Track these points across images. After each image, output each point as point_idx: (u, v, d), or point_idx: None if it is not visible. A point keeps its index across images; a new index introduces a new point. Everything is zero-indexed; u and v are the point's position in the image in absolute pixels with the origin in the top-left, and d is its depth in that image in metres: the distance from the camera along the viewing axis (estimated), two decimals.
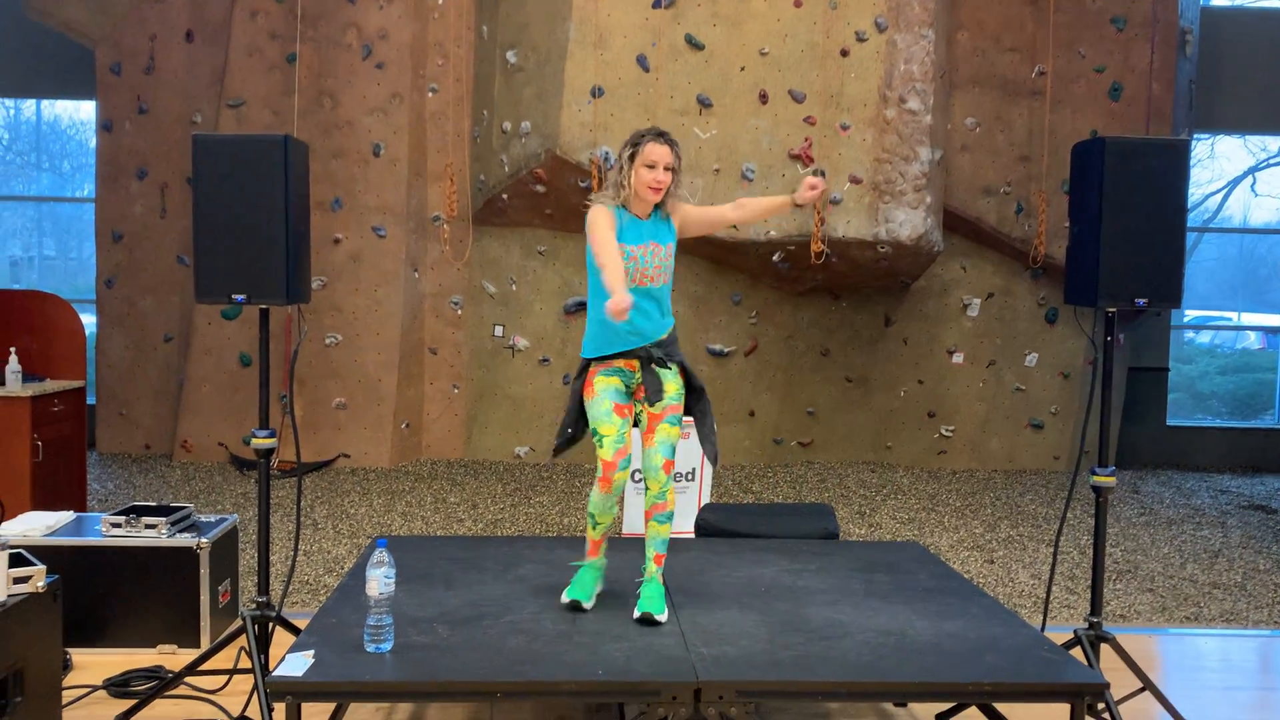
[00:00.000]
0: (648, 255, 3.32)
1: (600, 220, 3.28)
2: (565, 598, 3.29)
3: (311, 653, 2.79)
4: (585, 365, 3.41)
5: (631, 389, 3.37)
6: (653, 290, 3.34)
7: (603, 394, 3.31)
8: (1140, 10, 8.63)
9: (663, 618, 3.17)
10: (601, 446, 3.26)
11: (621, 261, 3.20)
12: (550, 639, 2.97)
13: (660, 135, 3.32)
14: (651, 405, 3.33)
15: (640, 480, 5.53)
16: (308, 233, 3.72)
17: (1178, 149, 3.60)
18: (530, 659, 2.81)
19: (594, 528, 3.37)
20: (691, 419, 3.51)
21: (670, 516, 3.33)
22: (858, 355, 8.98)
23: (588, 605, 3.27)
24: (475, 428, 8.87)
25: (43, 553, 4.00)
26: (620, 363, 3.35)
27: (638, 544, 4.13)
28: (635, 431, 3.39)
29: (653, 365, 3.33)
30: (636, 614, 3.17)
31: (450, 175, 8.48)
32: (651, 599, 3.20)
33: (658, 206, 3.39)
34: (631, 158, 3.30)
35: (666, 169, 3.30)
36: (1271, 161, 11.73)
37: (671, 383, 3.36)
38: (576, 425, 3.42)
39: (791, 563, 3.88)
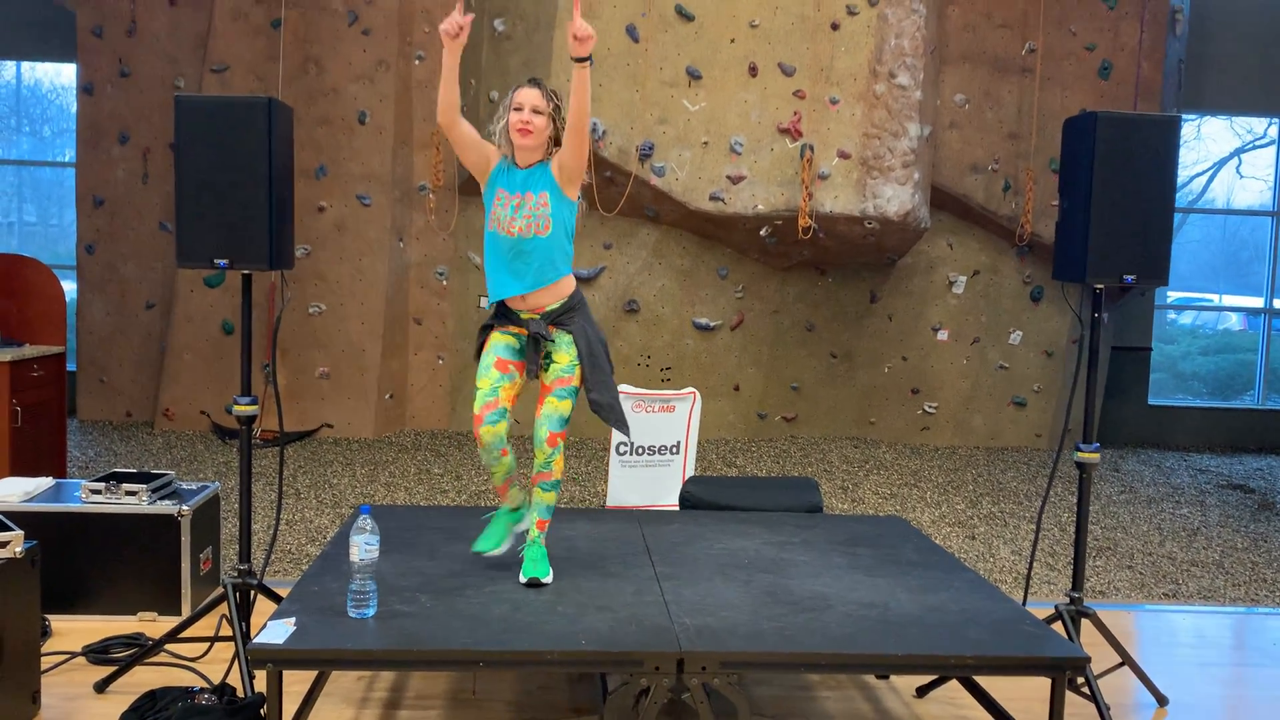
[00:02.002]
0: (517, 205, 3.23)
1: (485, 144, 3.31)
2: (472, 549, 3.37)
3: (293, 620, 2.78)
4: (487, 326, 3.40)
5: (523, 351, 3.35)
6: (523, 243, 3.24)
7: (491, 348, 3.34)
8: None
9: (548, 579, 3.22)
10: (476, 396, 3.29)
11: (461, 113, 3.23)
12: (534, 609, 2.97)
13: (531, 80, 3.28)
14: (533, 378, 3.33)
15: (624, 453, 5.53)
16: (291, 198, 3.68)
17: (1169, 125, 3.60)
18: (513, 628, 2.80)
19: (494, 475, 3.41)
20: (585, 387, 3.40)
21: (555, 485, 3.32)
22: (843, 331, 8.99)
23: (493, 552, 3.36)
24: (459, 399, 8.84)
25: (21, 518, 3.97)
26: (513, 327, 3.34)
27: (622, 515, 4.13)
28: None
29: (537, 339, 3.29)
30: (523, 579, 3.19)
31: (436, 144, 8.40)
32: (536, 562, 3.24)
33: (545, 160, 3.28)
34: (506, 108, 3.28)
35: (534, 110, 3.21)
36: (1258, 143, 11.75)
37: (563, 353, 3.30)
38: None
39: (775, 536, 3.89)
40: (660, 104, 7.86)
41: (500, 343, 3.34)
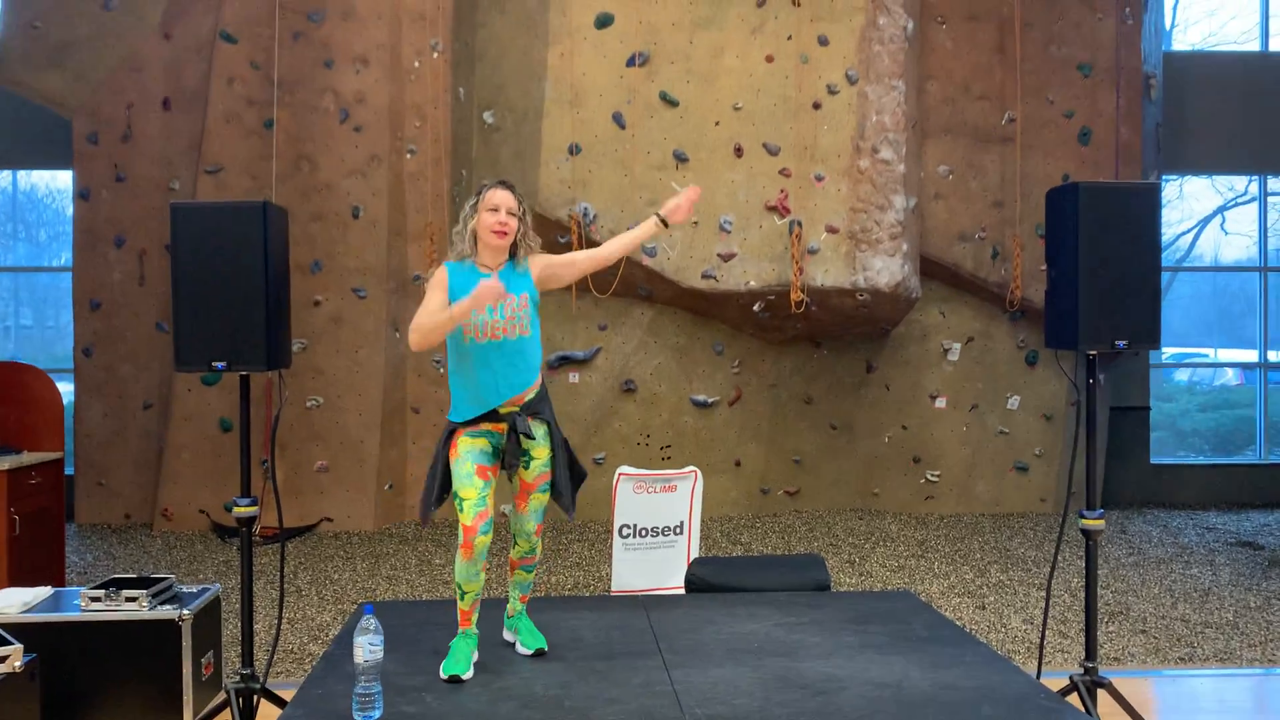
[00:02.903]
0: (495, 308, 3.23)
1: (432, 281, 3.29)
2: (443, 673, 3.15)
3: None
4: (450, 430, 3.34)
5: (499, 450, 3.34)
6: (506, 344, 3.26)
7: (466, 455, 3.25)
8: (1105, 57, 8.81)
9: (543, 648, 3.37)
10: (462, 511, 3.17)
11: (436, 306, 3.19)
12: (541, 705, 2.92)
13: (501, 182, 3.35)
14: (512, 472, 3.33)
15: (627, 535, 5.49)
16: (288, 298, 3.71)
17: (1149, 191, 3.66)
18: None
19: (462, 597, 3.25)
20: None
21: (536, 565, 3.51)
22: (841, 402, 8.99)
23: (465, 677, 3.16)
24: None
25: (20, 630, 3.91)
26: (487, 425, 3.30)
27: (628, 601, 4.08)
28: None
29: (518, 434, 3.28)
30: (529, 651, 3.35)
31: (430, 235, 8.50)
32: (533, 633, 3.42)
33: (512, 258, 3.35)
34: (474, 207, 3.31)
35: (509, 213, 3.28)
36: (1239, 200, 11.92)
37: (541, 448, 3.36)
38: (443, 487, 3.33)
39: (784, 616, 3.84)
40: (649, 186, 7.98)
41: (474, 448, 3.27)
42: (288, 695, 3.59)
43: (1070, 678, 3.72)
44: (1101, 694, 3.80)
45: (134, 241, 8.74)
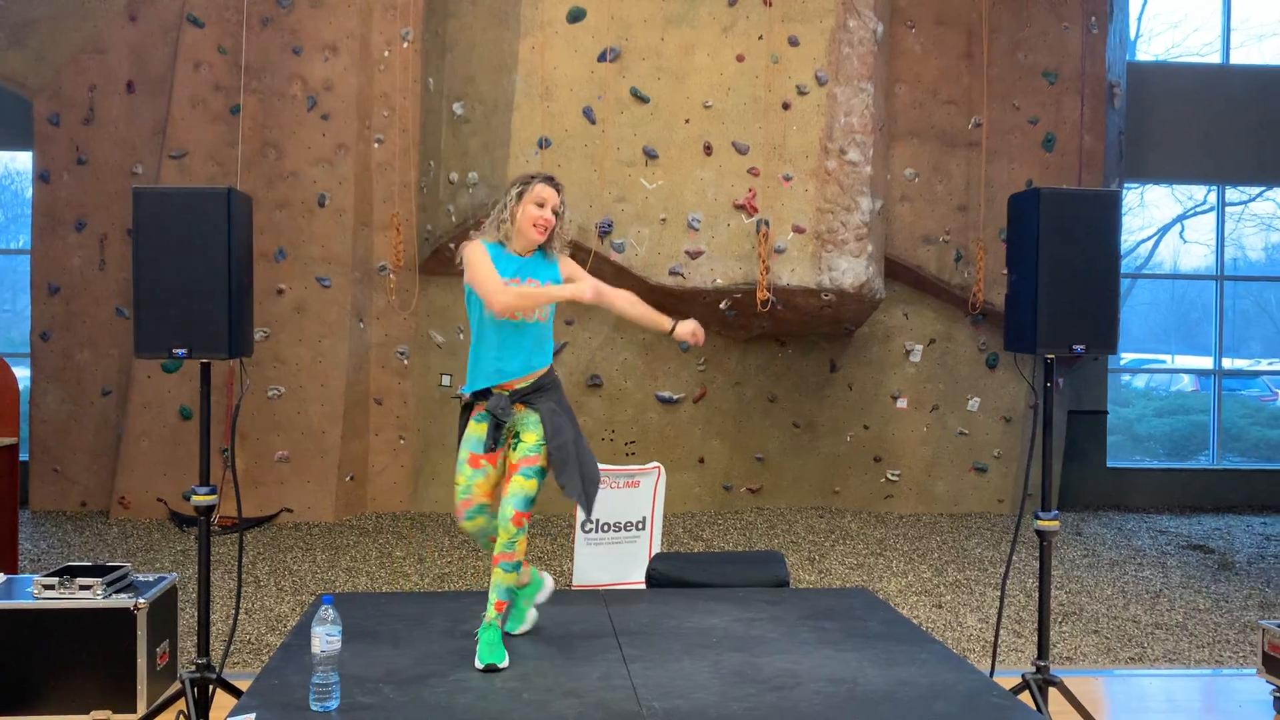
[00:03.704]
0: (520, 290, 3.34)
1: (476, 254, 3.34)
2: (480, 663, 3.20)
3: (254, 716, 2.72)
4: (466, 404, 3.47)
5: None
6: (524, 325, 3.36)
7: (465, 442, 3.41)
8: (1070, 65, 8.92)
9: (505, 665, 3.17)
10: (456, 488, 3.41)
11: (521, 292, 3.29)
12: (499, 697, 2.93)
13: (549, 178, 3.41)
14: (490, 450, 3.37)
15: (589, 530, 5.51)
16: (250, 285, 3.68)
17: (1110, 199, 3.72)
18: (479, 719, 2.76)
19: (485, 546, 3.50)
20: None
21: (516, 566, 3.31)
22: (804, 401, 9.05)
23: (518, 632, 3.51)
24: (422, 479, 8.77)
25: None
26: (480, 405, 3.41)
27: (589, 596, 4.10)
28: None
29: (498, 415, 3.34)
30: (479, 665, 3.14)
31: (396, 225, 8.46)
32: (492, 646, 3.20)
33: (541, 248, 3.43)
34: (520, 195, 3.36)
35: (553, 210, 3.38)
36: (1198, 210, 12.12)
37: (530, 432, 3.35)
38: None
39: (743, 612, 3.87)
40: (618, 183, 7.99)
41: (473, 436, 3.39)
42: (244, 685, 3.57)
43: (1023, 676, 3.78)
44: (1053, 692, 3.86)
45: (95, 226, 8.62)
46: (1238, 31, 10.72)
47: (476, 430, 3.38)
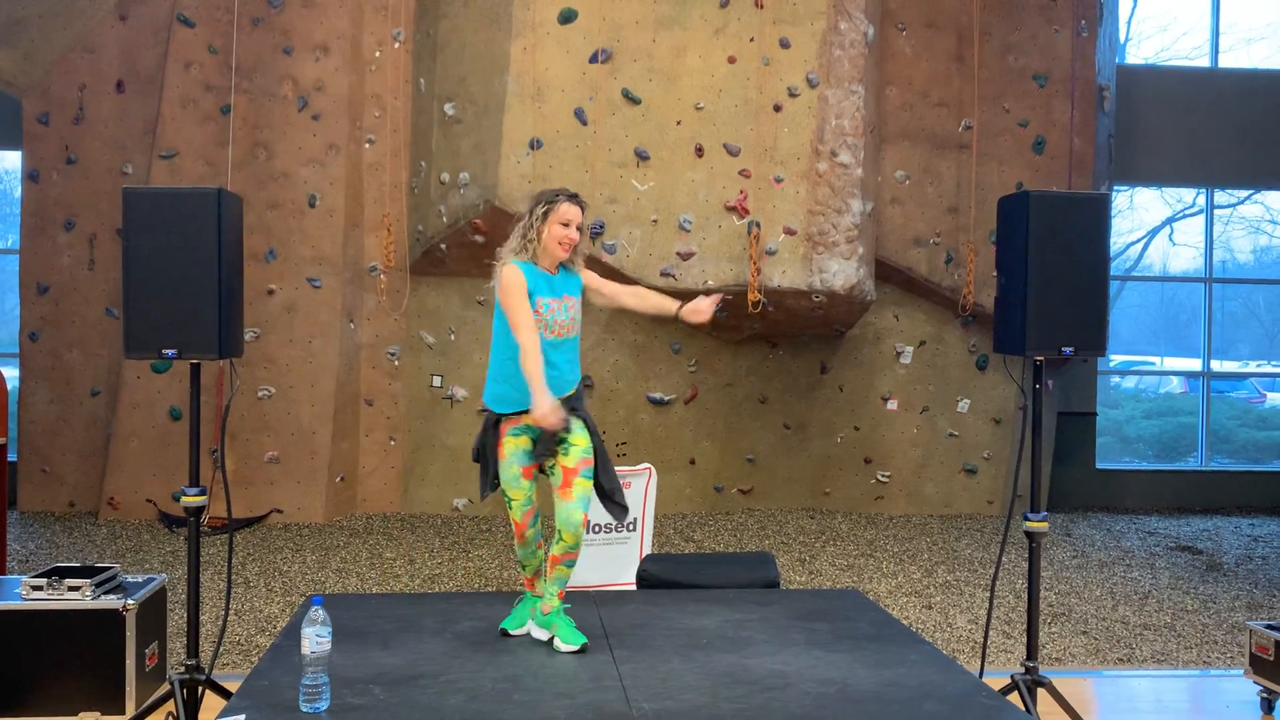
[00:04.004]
0: (561, 309, 3.43)
1: (514, 284, 3.36)
2: (500, 625, 3.55)
3: (243, 717, 2.71)
4: (494, 420, 3.50)
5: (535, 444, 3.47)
6: (565, 342, 3.44)
7: (512, 457, 3.45)
8: (1060, 68, 8.96)
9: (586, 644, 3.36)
10: (511, 508, 3.48)
11: (541, 364, 3.31)
12: (490, 698, 2.93)
13: (574, 196, 3.47)
14: (546, 462, 3.42)
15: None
16: (241, 286, 3.68)
17: (1099, 202, 3.73)
18: (469, 719, 2.76)
19: (524, 569, 3.64)
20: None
21: (576, 563, 3.48)
22: (795, 402, 9.07)
23: (515, 632, 3.54)
24: (412, 480, 8.76)
25: None
26: (527, 419, 3.41)
27: (579, 597, 4.10)
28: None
29: (556, 433, 3.40)
30: (571, 647, 3.32)
31: (388, 225, 8.45)
32: (572, 629, 3.39)
33: (564, 262, 3.50)
34: (545, 215, 3.41)
35: (578, 228, 3.45)
36: (1187, 212, 12.18)
37: (580, 436, 3.42)
38: (495, 476, 3.56)
39: (733, 613, 3.88)
40: (610, 184, 7.99)
41: (518, 450, 3.45)
42: (233, 687, 3.57)
43: (1012, 677, 3.79)
44: (1041, 693, 3.88)
45: (84, 225, 8.59)
46: (1226, 35, 10.78)
47: (521, 444, 3.44)
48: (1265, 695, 4.34)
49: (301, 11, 8.42)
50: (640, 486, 5.69)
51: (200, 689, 3.58)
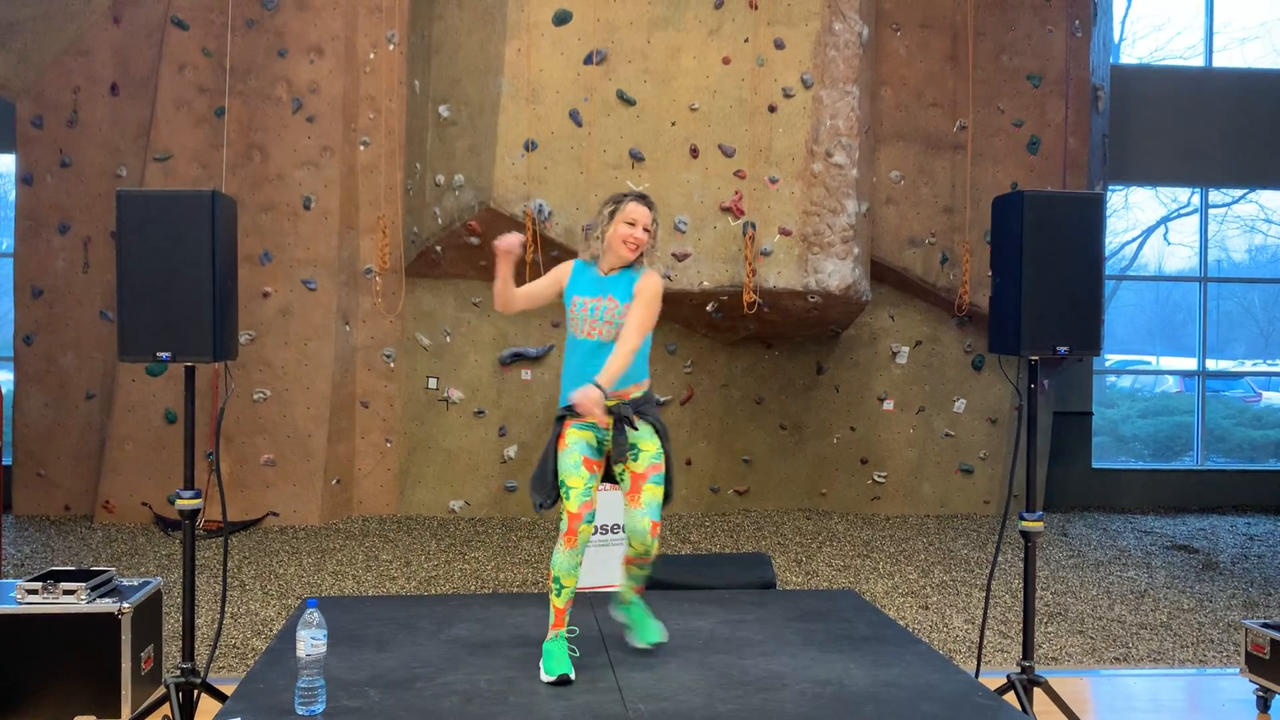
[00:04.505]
0: (599, 308, 3.38)
1: (553, 271, 3.48)
2: (547, 676, 3.13)
3: None
4: (561, 418, 3.43)
5: (604, 446, 3.38)
6: (593, 344, 3.38)
7: (574, 446, 3.32)
8: (1054, 68, 8.97)
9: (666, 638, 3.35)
10: (568, 498, 3.23)
11: (528, 289, 3.43)
12: (485, 700, 2.93)
13: (642, 197, 3.44)
14: (619, 463, 3.37)
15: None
16: (235, 289, 3.67)
17: (1093, 202, 3.74)
18: None
19: (559, 593, 3.23)
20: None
21: (651, 564, 3.43)
22: (791, 403, 9.07)
23: (573, 676, 3.14)
24: (408, 482, 8.75)
25: None
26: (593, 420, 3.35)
27: (575, 599, 4.10)
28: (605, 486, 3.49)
29: (624, 424, 3.33)
30: (649, 643, 3.33)
31: (383, 227, 8.44)
32: (650, 626, 3.40)
33: (629, 266, 3.43)
34: (612, 214, 3.41)
35: (645, 229, 3.39)
36: (1182, 212, 12.20)
37: (649, 441, 3.38)
38: (556, 479, 3.33)
39: (729, 614, 3.88)
40: (605, 185, 7.99)
41: (581, 440, 3.33)
42: (229, 690, 3.56)
43: (1008, 677, 3.79)
44: (1038, 693, 3.88)
45: (79, 228, 8.58)
46: (1220, 35, 10.81)
47: (584, 436, 3.33)
48: (1261, 694, 4.34)
49: (295, 14, 8.41)
50: None
51: (196, 692, 3.58)
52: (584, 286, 3.42)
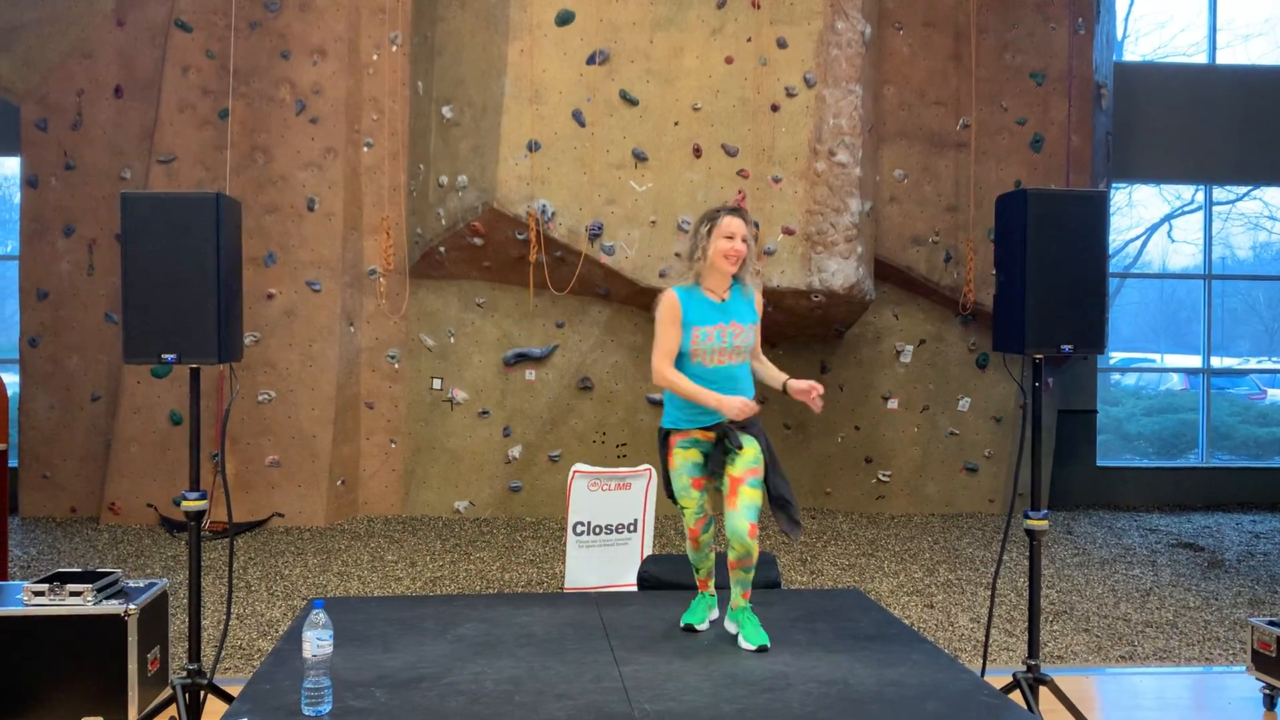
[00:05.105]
0: (725, 335, 3.40)
1: (663, 312, 3.40)
2: (681, 621, 3.56)
3: None
4: (665, 434, 3.53)
5: (707, 457, 3.50)
6: (732, 369, 3.43)
7: (681, 468, 3.49)
8: (1057, 66, 8.96)
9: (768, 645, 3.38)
10: (684, 516, 3.54)
11: (687, 382, 3.37)
12: (491, 700, 2.93)
13: (735, 210, 3.44)
14: (717, 477, 3.45)
15: (581, 533, 5.51)
16: (240, 290, 3.68)
17: (1096, 200, 3.73)
18: None
19: (697, 571, 3.64)
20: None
21: (754, 565, 3.46)
22: (795, 402, 9.03)
23: (700, 627, 3.54)
24: (413, 483, 8.76)
25: None
26: (697, 433, 3.46)
27: (580, 599, 4.10)
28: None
29: (725, 442, 3.42)
30: (751, 647, 3.33)
31: (386, 229, 8.46)
32: (757, 628, 3.40)
33: (736, 282, 3.44)
34: (709, 231, 3.39)
35: (743, 240, 3.39)
36: (1186, 209, 12.18)
37: (750, 446, 3.43)
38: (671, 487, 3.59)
39: None
40: (608, 185, 7.99)
41: (687, 462, 3.48)
42: (235, 691, 3.57)
43: (1014, 675, 3.79)
44: (1044, 691, 3.88)
45: (83, 231, 8.60)
46: (1224, 31, 10.79)
47: (690, 456, 3.47)
48: (1268, 691, 4.34)
49: (298, 15, 8.43)
50: (640, 487, 5.69)
51: (202, 693, 3.58)
52: (700, 315, 3.39)
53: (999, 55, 8.91)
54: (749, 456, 3.41)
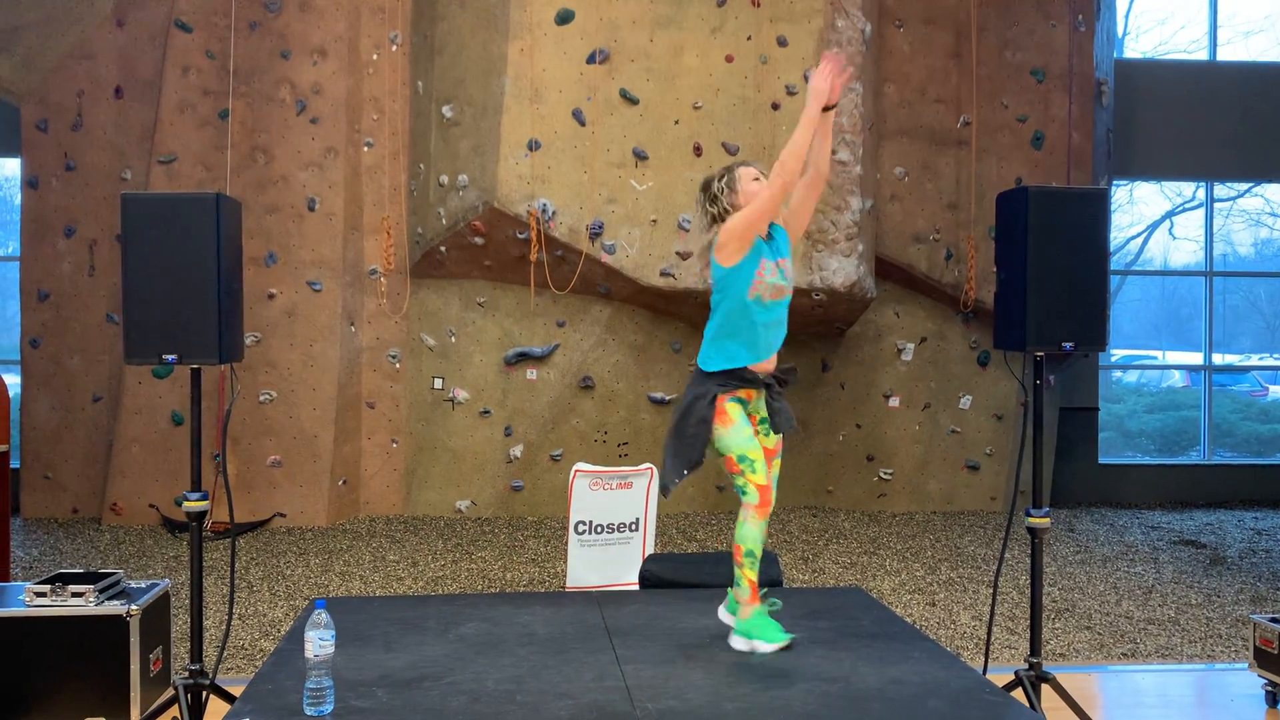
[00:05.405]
0: (778, 271, 3.40)
1: (738, 214, 3.34)
2: (770, 645, 3.28)
3: None
4: (709, 393, 3.33)
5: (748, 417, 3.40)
6: (778, 305, 3.40)
7: (741, 420, 3.33)
8: (1058, 63, 8.95)
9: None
10: (754, 471, 3.28)
11: (800, 132, 3.31)
12: (493, 700, 2.93)
13: (742, 164, 3.48)
14: (769, 435, 3.41)
15: (583, 532, 5.51)
16: (240, 291, 3.68)
17: (1097, 197, 3.73)
18: None
19: (752, 565, 3.33)
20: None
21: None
22: (796, 400, 9.06)
23: (794, 638, 3.33)
24: (415, 482, 8.76)
25: None
26: (742, 393, 3.38)
27: (582, 598, 4.10)
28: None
29: (774, 393, 3.40)
30: (777, 645, 3.29)
31: (387, 228, 8.46)
32: (777, 626, 3.35)
33: (776, 225, 3.47)
34: (731, 184, 3.41)
35: (762, 176, 3.43)
36: (1187, 206, 12.17)
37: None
38: (704, 453, 3.35)
39: None
40: (609, 184, 7.99)
41: (741, 414, 3.35)
42: (238, 691, 3.56)
43: (1016, 673, 3.79)
44: (1046, 689, 3.87)
45: (84, 231, 8.60)
46: (1224, 28, 10.78)
47: (742, 411, 3.35)
48: (1270, 688, 4.34)
49: (298, 15, 8.42)
50: (642, 486, 5.69)
51: (205, 693, 3.58)
52: (764, 250, 3.38)
53: (999, 52, 8.90)
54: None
